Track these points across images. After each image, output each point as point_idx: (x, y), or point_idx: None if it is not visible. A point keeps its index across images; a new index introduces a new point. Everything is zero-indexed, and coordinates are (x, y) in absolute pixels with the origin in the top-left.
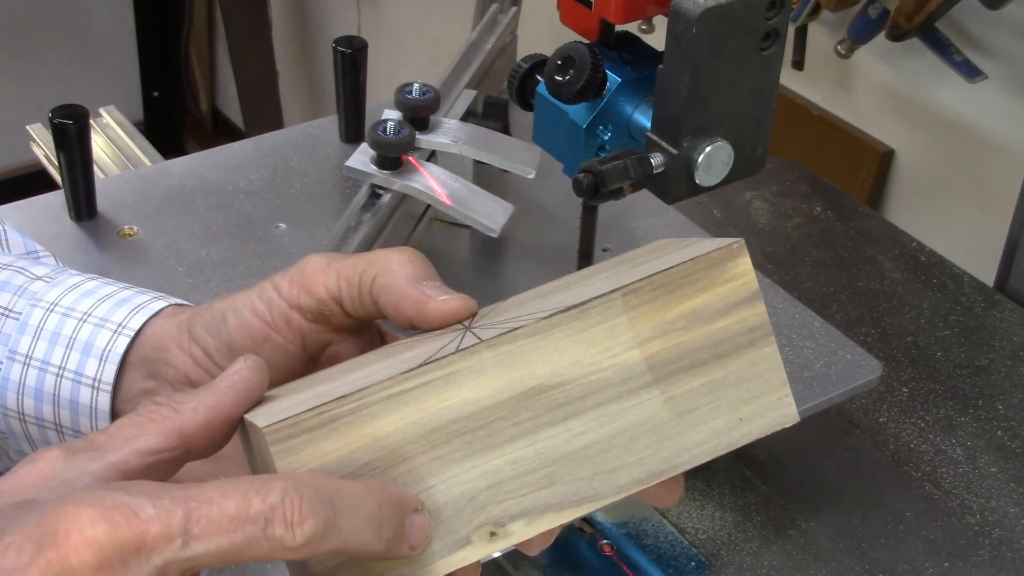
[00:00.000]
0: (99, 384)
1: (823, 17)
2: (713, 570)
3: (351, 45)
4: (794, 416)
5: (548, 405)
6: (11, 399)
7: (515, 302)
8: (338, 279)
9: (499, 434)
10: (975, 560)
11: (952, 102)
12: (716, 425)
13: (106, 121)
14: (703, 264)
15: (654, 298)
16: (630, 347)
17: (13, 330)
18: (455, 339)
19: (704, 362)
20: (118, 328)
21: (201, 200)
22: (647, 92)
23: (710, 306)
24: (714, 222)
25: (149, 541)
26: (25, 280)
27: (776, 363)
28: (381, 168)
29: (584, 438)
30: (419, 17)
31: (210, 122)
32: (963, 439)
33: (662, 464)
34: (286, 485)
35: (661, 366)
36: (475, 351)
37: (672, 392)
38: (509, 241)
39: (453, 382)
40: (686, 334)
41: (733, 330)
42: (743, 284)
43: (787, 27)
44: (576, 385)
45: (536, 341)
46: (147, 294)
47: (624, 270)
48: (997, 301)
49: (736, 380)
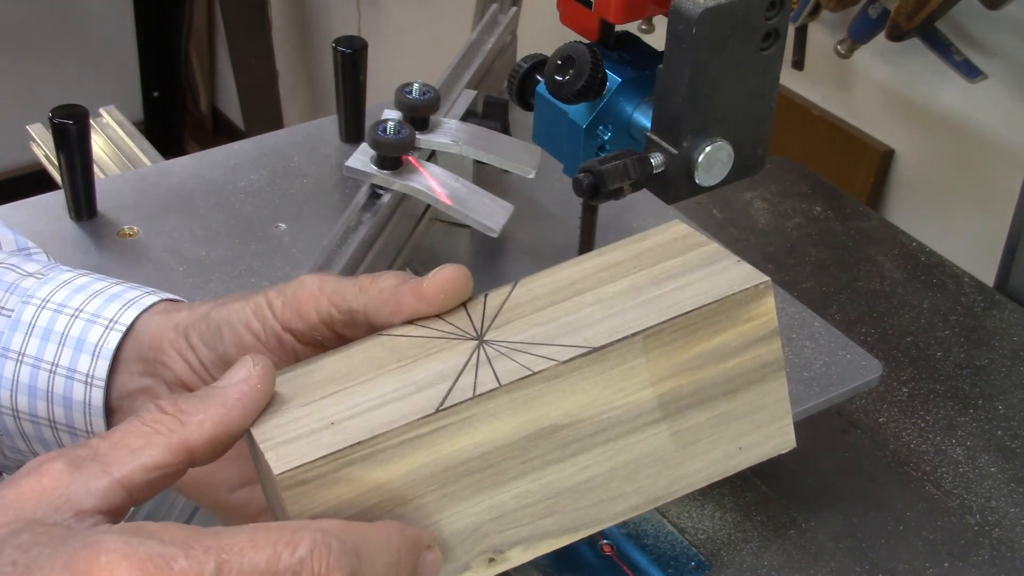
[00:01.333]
0: (92, 380)
1: (823, 17)
2: (713, 570)
3: (351, 45)
4: (792, 443)
5: (558, 443)
6: (4, 396)
7: (528, 296)
8: (330, 306)
9: (508, 472)
10: (975, 560)
11: (952, 102)
12: (716, 454)
13: (106, 121)
14: (728, 305)
15: (674, 339)
16: (644, 386)
17: (5, 327)
18: (468, 360)
19: (714, 397)
20: (110, 323)
21: (201, 200)
22: (647, 92)
23: (727, 344)
24: (714, 222)
25: None
26: (16, 277)
27: (782, 395)
28: (381, 168)
29: (589, 471)
30: (419, 17)
31: (210, 122)
32: (963, 439)
33: (660, 491)
34: (315, 538)
35: (672, 403)
36: (492, 396)
37: (679, 426)
38: (509, 241)
39: (468, 426)
40: (701, 372)
41: (747, 366)
42: (764, 323)
43: (787, 27)
44: (587, 423)
45: (553, 384)
46: (138, 289)
47: (644, 281)
48: (997, 301)
49: (742, 413)
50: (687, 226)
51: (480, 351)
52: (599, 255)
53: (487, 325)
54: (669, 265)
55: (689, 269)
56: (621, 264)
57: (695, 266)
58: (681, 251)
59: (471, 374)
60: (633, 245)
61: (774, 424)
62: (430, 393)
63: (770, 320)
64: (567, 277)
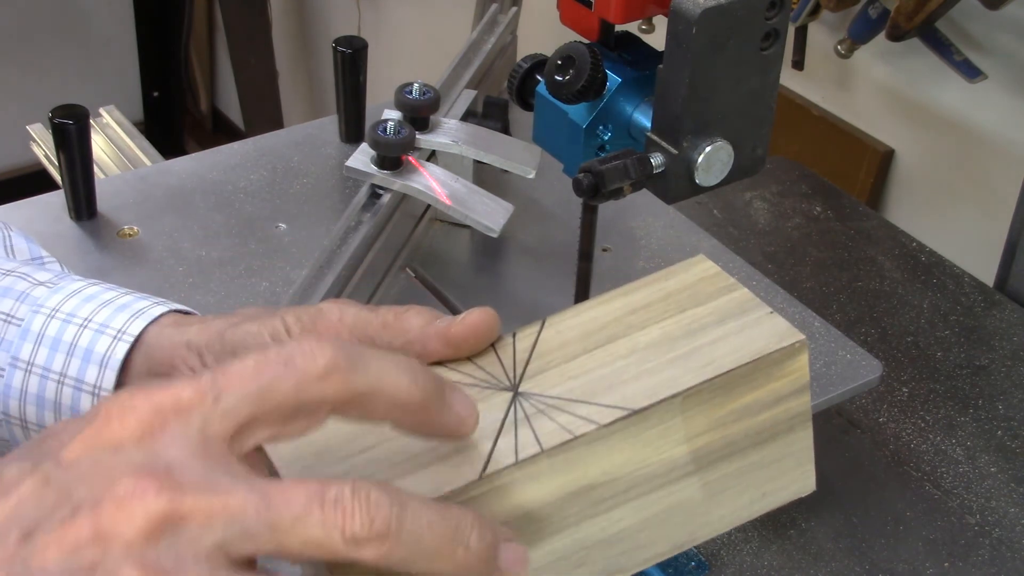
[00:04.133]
0: (99, 391)
1: (823, 17)
2: (713, 570)
3: (351, 45)
4: (812, 486)
5: (594, 500)
6: (13, 406)
7: (559, 340)
8: (349, 336)
9: (544, 530)
10: (975, 560)
11: (952, 102)
12: (742, 501)
13: (106, 121)
14: (764, 364)
15: (712, 398)
16: (680, 443)
17: (15, 337)
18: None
19: (743, 449)
20: (117, 334)
21: (201, 200)
22: (647, 92)
23: (760, 400)
24: (714, 222)
25: (184, 402)
26: (28, 286)
27: (808, 443)
28: (381, 168)
29: (621, 524)
30: (419, 17)
31: (210, 122)
32: (963, 439)
33: (685, 537)
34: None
35: (704, 457)
36: (535, 460)
37: (709, 478)
38: (509, 241)
39: (510, 490)
40: (733, 427)
41: (777, 419)
42: (796, 379)
43: (787, 27)
44: (622, 480)
45: (594, 446)
46: (148, 299)
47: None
48: (997, 301)
49: (769, 461)
50: (712, 264)
51: (517, 406)
52: (625, 295)
53: (519, 373)
54: (700, 312)
55: (721, 319)
56: (650, 307)
57: (727, 316)
58: (710, 296)
59: (510, 434)
60: (659, 284)
61: (798, 470)
62: (471, 455)
63: (803, 375)
64: (595, 320)
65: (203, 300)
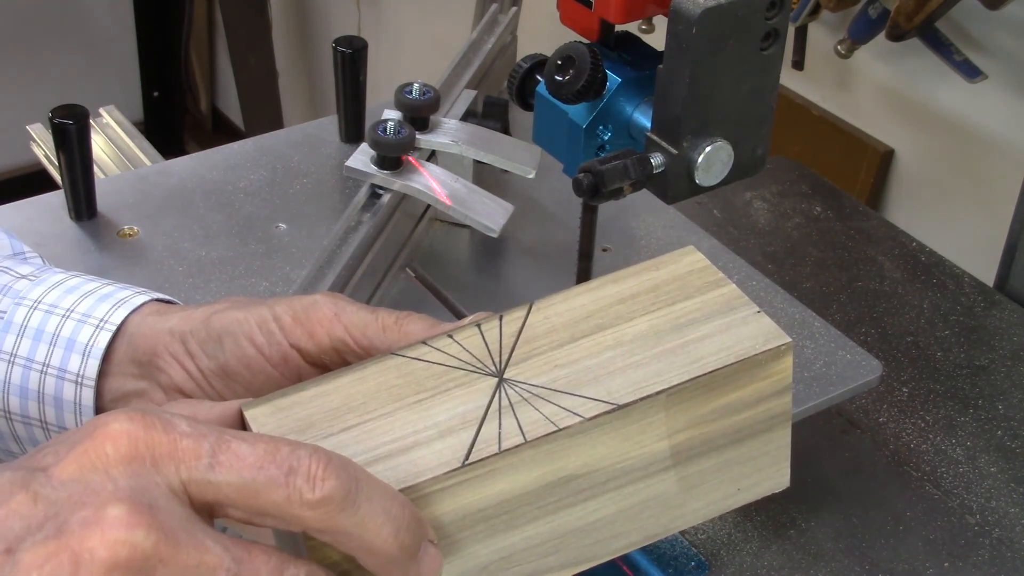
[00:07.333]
0: (82, 380)
1: (823, 17)
2: (713, 570)
3: (351, 45)
4: (786, 483)
5: (573, 490)
6: None
7: (546, 326)
8: (346, 335)
9: (522, 517)
10: (975, 560)
11: (952, 102)
12: (716, 495)
13: (106, 121)
14: (749, 364)
15: (694, 396)
16: (660, 439)
17: None
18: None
19: (722, 446)
20: (100, 323)
21: (201, 200)
22: (647, 92)
23: (743, 400)
24: (714, 222)
25: (179, 452)
26: (9, 279)
27: (785, 442)
28: (381, 168)
29: (597, 514)
30: (419, 17)
31: (210, 122)
32: (963, 439)
33: (659, 529)
34: (316, 448)
35: (683, 452)
36: (517, 451)
37: (686, 472)
38: (509, 241)
39: (490, 478)
40: (714, 424)
41: (757, 418)
42: (779, 380)
43: (787, 27)
44: (602, 472)
45: (576, 439)
46: (129, 289)
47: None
48: (997, 301)
49: (746, 458)
50: (702, 256)
51: (501, 392)
52: (614, 282)
53: (505, 358)
54: (688, 307)
55: (708, 315)
56: (638, 298)
57: (714, 312)
58: (699, 290)
59: (494, 422)
60: (649, 274)
61: (773, 468)
62: (454, 442)
63: (786, 377)
64: (584, 307)
65: (203, 300)
